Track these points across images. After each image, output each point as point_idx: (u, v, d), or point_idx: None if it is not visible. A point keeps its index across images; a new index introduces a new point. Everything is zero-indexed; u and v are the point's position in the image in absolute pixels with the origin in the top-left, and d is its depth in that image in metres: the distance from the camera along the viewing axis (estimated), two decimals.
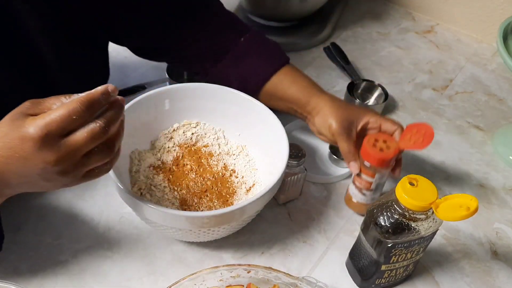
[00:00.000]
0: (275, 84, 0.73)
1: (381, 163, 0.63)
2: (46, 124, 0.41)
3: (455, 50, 1.09)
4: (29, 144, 0.41)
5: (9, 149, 0.42)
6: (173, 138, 0.73)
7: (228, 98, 0.72)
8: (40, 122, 0.41)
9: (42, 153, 0.42)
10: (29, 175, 0.44)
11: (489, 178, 0.81)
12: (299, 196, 0.74)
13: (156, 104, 0.71)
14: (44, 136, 0.41)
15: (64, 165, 0.43)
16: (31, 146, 0.41)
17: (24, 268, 0.62)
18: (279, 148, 0.65)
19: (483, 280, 0.66)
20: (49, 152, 0.42)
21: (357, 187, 0.68)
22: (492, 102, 0.96)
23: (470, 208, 0.50)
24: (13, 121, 0.43)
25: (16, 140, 0.42)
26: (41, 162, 0.42)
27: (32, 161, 0.42)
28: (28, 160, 0.42)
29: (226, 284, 0.58)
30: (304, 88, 0.72)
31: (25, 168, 0.43)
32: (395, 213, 0.55)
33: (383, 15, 1.19)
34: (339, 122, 0.67)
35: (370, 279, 0.62)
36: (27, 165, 0.43)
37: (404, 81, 0.99)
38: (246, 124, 0.73)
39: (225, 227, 0.61)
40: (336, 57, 0.99)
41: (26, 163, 0.43)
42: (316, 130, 0.71)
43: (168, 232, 0.62)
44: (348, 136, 0.67)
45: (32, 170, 0.43)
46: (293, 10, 1.00)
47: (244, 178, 0.71)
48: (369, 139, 0.64)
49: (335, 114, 0.67)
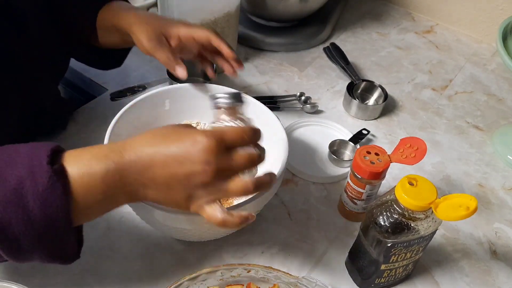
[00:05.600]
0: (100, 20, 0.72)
1: (372, 176, 0.64)
2: (222, 133, 0.46)
3: (454, 50, 1.09)
4: (199, 146, 0.44)
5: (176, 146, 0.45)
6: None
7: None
8: (215, 132, 0.46)
9: (206, 156, 0.44)
10: (176, 178, 0.45)
11: (488, 178, 0.81)
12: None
13: (157, 104, 0.71)
14: (216, 142, 0.45)
15: (216, 175, 0.45)
16: (200, 148, 0.44)
17: (25, 268, 0.62)
18: (279, 148, 0.65)
19: (483, 280, 0.67)
20: (214, 157, 0.45)
21: (349, 196, 0.69)
22: (492, 102, 0.96)
23: (470, 208, 0.50)
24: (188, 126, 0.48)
25: (188, 139, 0.45)
26: (201, 163, 0.44)
27: (193, 161, 0.44)
28: (188, 160, 0.44)
29: (226, 283, 0.59)
30: (115, 13, 0.71)
31: (180, 169, 0.45)
32: (395, 213, 0.55)
33: (383, 15, 1.19)
34: (147, 36, 0.66)
35: (369, 278, 0.62)
36: (183, 166, 0.45)
37: (404, 81, 1.00)
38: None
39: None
40: (336, 57, 1.00)
41: (184, 163, 0.45)
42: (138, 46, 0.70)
43: (168, 231, 0.62)
44: (160, 46, 0.67)
45: (184, 171, 0.45)
46: (293, 10, 1.01)
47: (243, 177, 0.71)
48: (360, 152, 0.64)
49: (142, 29, 0.67)
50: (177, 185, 0.46)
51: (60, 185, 0.43)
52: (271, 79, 0.97)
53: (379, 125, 0.89)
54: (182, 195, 0.47)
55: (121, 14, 0.70)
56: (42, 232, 0.43)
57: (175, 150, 0.45)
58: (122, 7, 0.72)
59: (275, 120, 0.69)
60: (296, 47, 1.05)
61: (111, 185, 0.45)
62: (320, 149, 0.83)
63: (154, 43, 0.66)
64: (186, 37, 0.68)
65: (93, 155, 0.45)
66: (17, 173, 0.42)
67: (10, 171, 0.43)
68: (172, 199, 0.48)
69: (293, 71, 0.99)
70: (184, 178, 0.45)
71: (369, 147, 0.65)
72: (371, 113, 0.89)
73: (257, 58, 1.02)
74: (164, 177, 0.46)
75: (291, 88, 0.95)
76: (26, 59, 0.64)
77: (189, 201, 0.47)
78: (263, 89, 0.94)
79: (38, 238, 0.43)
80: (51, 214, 0.42)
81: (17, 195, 0.42)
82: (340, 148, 0.82)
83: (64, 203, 0.43)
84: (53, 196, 0.42)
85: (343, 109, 0.92)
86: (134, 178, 0.46)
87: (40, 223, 0.42)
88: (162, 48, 0.67)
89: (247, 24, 1.06)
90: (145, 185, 0.46)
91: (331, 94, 0.95)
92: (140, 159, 0.45)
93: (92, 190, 0.45)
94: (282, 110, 0.89)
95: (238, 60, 0.71)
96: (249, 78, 0.96)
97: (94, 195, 0.45)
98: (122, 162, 0.45)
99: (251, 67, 0.99)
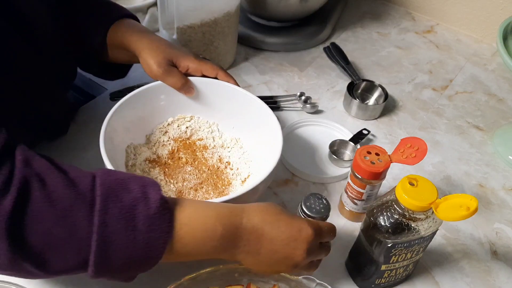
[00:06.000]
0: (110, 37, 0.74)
1: (372, 176, 0.64)
2: (321, 227, 0.55)
3: (455, 50, 1.09)
4: (303, 235, 0.52)
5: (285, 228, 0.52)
6: (168, 132, 0.75)
7: (221, 91, 0.74)
8: (316, 225, 0.55)
9: (307, 244, 0.52)
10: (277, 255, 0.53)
11: (489, 178, 0.81)
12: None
13: (152, 99, 0.72)
14: (316, 231, 0.53)
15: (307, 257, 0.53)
16: (304, 237, 0.52)
17: None
18: (273, 140, 0.66)
19: (483, 280, 0.66)
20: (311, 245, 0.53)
21: (349, 196, 0.69)
22: (492, 102, 0.96)
23: (470, 208, 0.50)
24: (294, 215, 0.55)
25: (296, 226, 0.53)
26: (302, 250, 0.52)
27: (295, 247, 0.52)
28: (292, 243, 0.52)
29: (226, 283, 0.58)
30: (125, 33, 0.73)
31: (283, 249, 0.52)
32: (395, 213, 0.55)
33: (383, 15, 1.19)
34: (157, 62, 0.70)
35: (370, 279, 0.62)
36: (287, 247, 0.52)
37: (404, 81, 0.99)
38: (240, 117, 0.74)
39: None
40: (336, 57, 0.99)
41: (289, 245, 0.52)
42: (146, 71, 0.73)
43: None
44: (170, 72, 0.71)
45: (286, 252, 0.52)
46: (293, 10, 1.00)
47: (239, 170, 0.72)
48: (360, 152, 0.64)
49: (152, 55, 0.70)
50: (275, 261, 0.53)
51: (168, 213, 0.47)
52: (271, 79, 0.97)
53: (380, 125, 0.89)
54: (274, 269, 0.55)
55: (132, 36, 0.72)
56: (138, 254, 0.46)
57: (283, 231, 0.52)
58: (133, 27, 0.74)
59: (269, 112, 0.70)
60: (296, 47, 1.05)
61: (224, 244, 0.50)
62: (320, 149, 0.82)
63: (163, 69, 0.70)
64: (195, 70, 0.72)
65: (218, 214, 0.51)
66: (132, 196, 0.46)
67: (126, 194, 0.46)
68: (264, 270, 0.55)
69: (293, 71, 0.99)
70: (284, 257, 0.53)
71: (369, 147, 0.65)
72: (371, 113, 0.89)
73: (257, 58, 1.02)
74: (268, 252, 0.52)
75: (291, 88, 0.95)
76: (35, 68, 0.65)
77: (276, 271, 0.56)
78: (263, 89, 0.94)
79: (130, 259, 0.46)
80: (154, 239, 0.46)
81: (130, 213, 0.45)
82: (340, 148, 0.82)
83: (167, 232, 0.47)
84: (161, 221, 0.47)
85: (343, 109, 0.91)
86: (244, 244, 0.51)
87: (141, 244, 0.46)
88: (172, 73, 0.71)
89: (247, 24, 1.05)
90: (249, 252, 0.52)
91: (331, 94, 0.95)
92: (254, 230, 0.51)
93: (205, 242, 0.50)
94: (282, 110, 0.89)
95: None
96: (249, 78, 0.96)
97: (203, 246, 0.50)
98: (239, 228, 0.51)
99: (251, 67, 0.99)
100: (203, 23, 0.87)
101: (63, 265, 0.45)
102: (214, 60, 0.93)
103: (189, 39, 0.89)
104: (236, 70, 0.98)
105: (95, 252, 0.44)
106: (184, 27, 0.87)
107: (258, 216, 0.52)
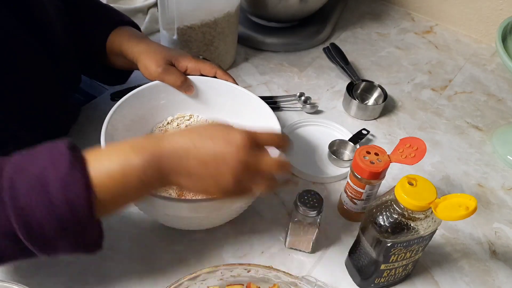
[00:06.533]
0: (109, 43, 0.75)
1: (372, 175, 0.64)
2: (255, 132, 0.51)
3: (454, 51, 1.09)
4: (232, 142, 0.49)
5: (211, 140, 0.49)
6: (167, 131, 0.75)
7: (220, 90, 0.74)
8: (249, 130, 0.51)
9: (238, 151, 0.49)
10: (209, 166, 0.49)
11: (488, 178, 0.81)
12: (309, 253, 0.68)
13: (151, 98, 0.73)
14: (248, 139, 0.49)
15: (245, 168, 0.49)
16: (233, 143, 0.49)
17: (25, 268, 0.62)
18: None
19: (482, 280, 0.67)
20: (244, 152, 0.49)
21: (349, 196, 0.69)
22: (491, 102, 0.97)
23: (469, 207, 0.50)
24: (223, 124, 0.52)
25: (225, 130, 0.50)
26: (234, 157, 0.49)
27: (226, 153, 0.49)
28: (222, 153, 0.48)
29: (226, 283, 0.59)
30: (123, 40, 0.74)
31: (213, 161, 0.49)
32: (394, 213, 0.55)
33: (383, 15, 1.19)
34: (155, 62, 0.71)
35: (369, 278, 0.62)
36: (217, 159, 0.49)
37: (404, 81, 1.00)
38: (239, 115, 0.74)
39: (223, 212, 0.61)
40: (335, 58, 1.00)
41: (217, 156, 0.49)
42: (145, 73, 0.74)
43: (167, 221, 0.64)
44: (169, 71, 0.71)
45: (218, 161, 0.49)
46: (293, 10, 1.01)
47: None
48: (360, 152, 0.64)
49: (150, 57, 0.71)
50: (209, 176, 0.49)
51: (80, 169, 0.44)
52: (271, 79, 0.97)
53: (379, 125, 0.89)
54: (211, 182, 0.50)
55: (130, 42, 0.73)
56: (65, 218, 0.44)
57: (209, 143, 0.49)
58: (132, 34, 0.75)
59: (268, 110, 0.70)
60: (296, 47, 1.05)
61: (149, 174, 0.47)
62: (320, 149, 0.83)
63: (162, 68, 0.71)
64: (193, 70, 0.73)
65: (131, 146, 0.48)
66: (40, 164, 0.44)
67: (33, 164, 0.44)
68: (202, 187, 0.51)
69: (293, 71, 0.99)
70: (215, 167, 0.49)
71: (368, 147, 0.65)
72: (370, 113, 0.89)
73: (257, 58, 1.02)
74: (198, 167, 0.49)
75: (291, 88, 0.95)
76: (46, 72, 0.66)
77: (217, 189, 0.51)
78: (263, 90, 0.94)
79: (61, 224, 0.44)
80: (73, 199, 0.43)
81: (40, 182, 0.43)
82: (339, 148, 0.82)
83: (84, 188, 0.44)
84: (74, 180, 0.44)
85: (342, 109, 0.92)
86: (170, 167, 0.48)
87: (62, 208, 0.43)
88: (171, 72, 0.72)
89: (247, 24, 1.06)
90: (179, 173, 0.49)
91: (331, 94, 0.95)
92: (176, 150, 0.48)
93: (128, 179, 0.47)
94: (282, 110, 0.90)
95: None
96: (249, 78, 0.97)
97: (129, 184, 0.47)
98: (160, 152, 0.48)
99: (251, 67, 0.99)
100: (203, 23, 0.87)
101: (7, 256, 0.47)
102: (214, 60, 0.93)
103: (189, 39, 0.89)
104: (236, 71, 0.98)
105: (20, 230, 0.43)
106: (184, 28, 0.87)
107: (183, 136, 0.50)
